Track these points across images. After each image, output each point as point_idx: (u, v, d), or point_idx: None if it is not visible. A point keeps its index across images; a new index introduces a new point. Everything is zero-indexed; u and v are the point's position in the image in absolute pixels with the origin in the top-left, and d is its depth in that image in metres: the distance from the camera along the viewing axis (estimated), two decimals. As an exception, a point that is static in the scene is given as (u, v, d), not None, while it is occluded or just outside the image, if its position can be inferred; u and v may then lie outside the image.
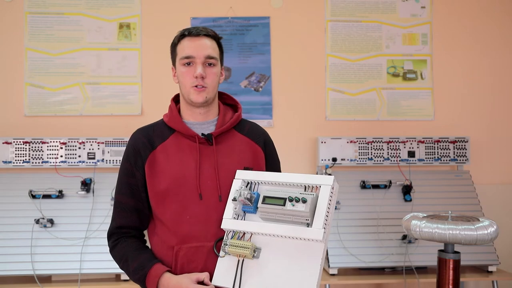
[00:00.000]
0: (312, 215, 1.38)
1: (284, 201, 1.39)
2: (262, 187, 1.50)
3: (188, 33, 1.58)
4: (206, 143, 1.58)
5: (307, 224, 1.38)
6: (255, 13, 3.37)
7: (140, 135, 1.63)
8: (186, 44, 1.57)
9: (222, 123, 1.62)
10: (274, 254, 1.42)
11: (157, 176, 1.56)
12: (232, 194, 1.49)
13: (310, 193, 1.40)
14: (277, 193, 1.43)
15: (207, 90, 1.56)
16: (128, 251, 1.56)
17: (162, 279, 1.47)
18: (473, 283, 3.36)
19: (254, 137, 1.66)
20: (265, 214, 1.44)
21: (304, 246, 1.39)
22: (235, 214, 1.48)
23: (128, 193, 1.59)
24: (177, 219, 1.53)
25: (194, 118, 1.62)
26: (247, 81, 3.35)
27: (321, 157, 3.17)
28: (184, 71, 1.57)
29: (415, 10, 3.44)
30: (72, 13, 3.29)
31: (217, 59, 1.60)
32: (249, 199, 1.44)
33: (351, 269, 2.94)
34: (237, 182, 1.51)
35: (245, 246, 1.42)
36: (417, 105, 3.41)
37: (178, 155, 1.57)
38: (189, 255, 1.51)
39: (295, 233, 1.38)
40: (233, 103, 1.73)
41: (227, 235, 1.48)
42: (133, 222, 1.60)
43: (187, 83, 1.57)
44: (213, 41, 1.59)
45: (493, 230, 2.14)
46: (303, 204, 1.37)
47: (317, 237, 1.35)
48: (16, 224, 2.84)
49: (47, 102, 3.25)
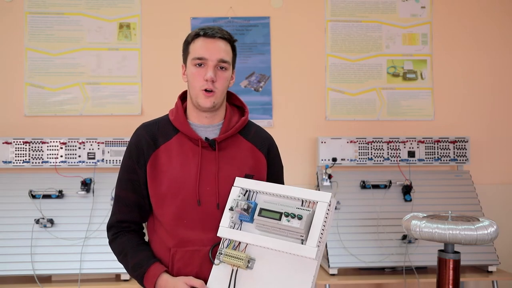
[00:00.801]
0: (307, 231, 1.37)
1: (280, 216, 1.39)
2: (260, 197, 1.49)
3: (204, 34, 1.53)
4: (209, 147, 1.56)
5: (301, 241, 1.38)
6: (255, 13, 3.37)
7: (144, 132, 1.61)
8: (199, 45, 1.53)
9: (227, 128, 1.60)
10: (268, 267, 1.42)
11: (158, 177, 1.55)
12: (230, 203, 1.48)
13: (306, 209, 1.39)
14: (274, 206, 1.42)
15: (215, 95, 1.53)
16: (127, 246, 1.57)
17: (159, 279, 1.49)
18: (473, 283, 3.36)
19: (258, 143, 1.64)
20: (261, 226, 1.44)
21: (298, 261, 1.39)
22: (231, 222, 1.47)
23: (129, 188, 1.59)
24: (175, 222, 1.53)
25: (199, 120, 1.60)
26: (247, 81, 3.35)
27: (321, 157, 3.17)
28: (195, 71, 1.53)
29: (415, 10, 3.44)
30: (72, 13, 3.29)
31: (230, 63, 1.56)
32: (246, 209, 1.44)
33: (351, 269, 2.94)
34: (235, 190, 1.50)
35: (240, 257, 1.43)
36: (417, 105, 3.41)
37: (180, 158, 1.55)
38: (185, 258, 1.52)
39: (289, 249, 1.38)
40: (241, 105, 1.70)
41: (223, 243, 1.48)
42: (134, 217, 1.61)
43: (197, 85, 1.53)
44: (227, 44, 1.56)
45: (493, 230, 2.14)
46: (299, 220, 1.37)
47: (310, 255, 1.35)
48: (16, 224, 2.84)
49: (47, 102, 3.25)
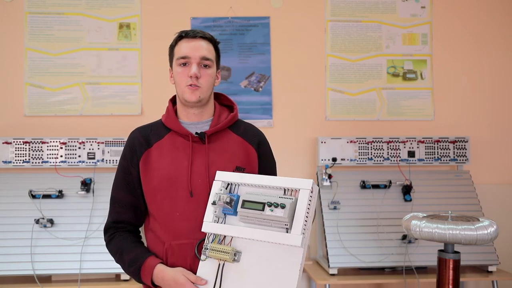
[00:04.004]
0: (291, 220, 1.37)
1: (263, 206, 1.39)
2: (243, 189, 1.49)
3: (185, 35, 1.61)
4: (199, 141, 1.61)
5: (286, 229, 1.38)
6: (255, 13, 3.37)
7: (137, 134, 1.67)
8: (182, 45, 1.61)
9: (217, 122, 1.65)
10: (255, 258, 1.42)
11: (150, 172, 1.59)
12: (212, 197, 1.48)
13: (289, 197, 1.39)
14: (256, 197, 1.42)
15: (200, 90, 1.59)
16: (123, 245, 1.59)
17: (155, 270, 1.50)
18: (473, 283, 3.36)
19: (248, 137, 1.68)
20: (244, 218, 1.44)
21: (284, 250, 1.39)
22: (215, 217, 1.47)
23: (124, 189, 1.63)
24: (168, 216, 1.56)
25: (188, 118, 1.65)
26: (247, 81, 3.35)
27: (321, 157, 3.17)
28: (180, 71, 1.60)
29: (415, 10, 3.44)
30: (72, 13, 3.29)
31: (213, 61, 1.62)
32: (228, 202, 1.44)
33: (351, 269, 2.94)
34: (217, 184, 1.50)
35: (225, 250, 1.43)
36: (417, 105, 3.41)
37: (171, 153, 1.60)
38: (179, 252, 1.54)
39: (274, 238, 1.38)
40: (230, 104, 1.76)
41: (208, 238, 1.48)
42: (129, 218, 1.63)
43: (182, 83, 1.59)
44: (209, 44, 1.63)
45: (493, 230, 2.14)
46: (282, 209, 1.37)
47: (296, 243, 1.35)
48: (16, 224, 2.84)
49: (47, 102, 3.25)
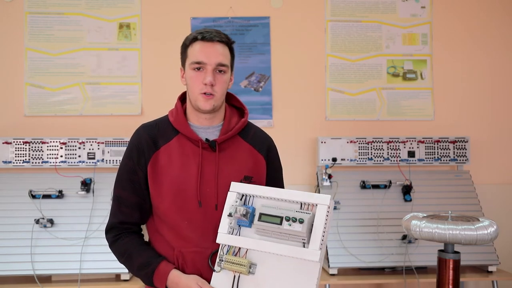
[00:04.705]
0: (308, 235, 1.37)
1: (281, 220, 1.38)
2: (257, 201, 1.48)
3: (202, 38, 1.53)
4: (209, 148, 1.56)
5: (303, 244, 1.38)
6: (255, 13, 3.37)
7: (144, 133, 1.60)
8: (197, 49, 1.53)
9: (227, 129, 1.60)
10: (270, 271, 1.41)
11: (159, 178, 1.55)
12: (227, 209, 1.47)
13: (306, 212, 1.39)
14: (273, 210, 1.41)
15: (215, 98, 1.54)
16: (131, 247, 1.56)
17: (170, 276, 1.48)
18: (473, 283, 3.36)
19: (257, 144, 1.64)
20: (261, 231, 1.43)
21: (300, 265, 1.38)
22: (230, 228, 1.46)
23: (130, 189, 1.57)
24: (177, 223, 1.53)
25: (199, 122, 1.60)
26: (247, 81, 3.35)
27: (321, 157, 3.17)
28: (194, 75, 1.53)
29: (415, 10, 3.43)
30: (72, 13, 3.29)
31: (228, 66, 1.56)
32: (245, 215, 1.43)
33: (351, 269, 2.94)
34: (232, 195, 1.49)
35: (241, 263, 1.41)
36: (417, 105, 3.41)
37: (180, 159, 1.55)
38: (189, 259, 1.52)
39: (292, 252, 1.37)
40: (240, 107, 1.71)
41: (222, 249, 1.46)
42: (136, 219, 1.59)
43: (196, 89, 1.54)
44: (225, 47, 1.56)
45: (493, 230, 2.14)
46: (300, 224, 1.36)
47: (314, 258, 1.35)
48: (16, 224, 2.84)
49: (47, 102, 3.25)
